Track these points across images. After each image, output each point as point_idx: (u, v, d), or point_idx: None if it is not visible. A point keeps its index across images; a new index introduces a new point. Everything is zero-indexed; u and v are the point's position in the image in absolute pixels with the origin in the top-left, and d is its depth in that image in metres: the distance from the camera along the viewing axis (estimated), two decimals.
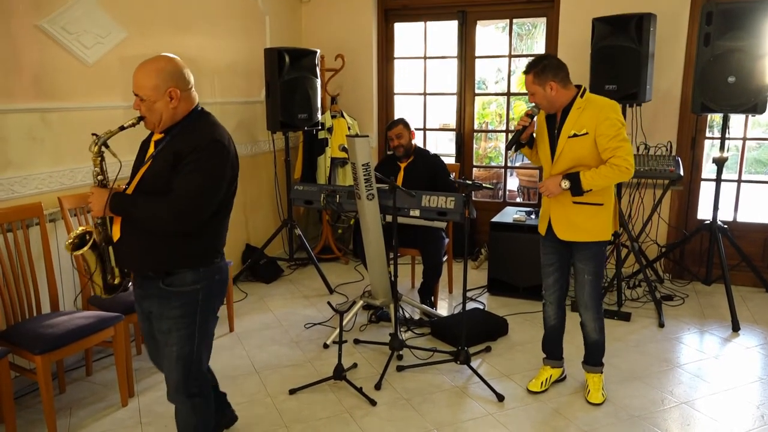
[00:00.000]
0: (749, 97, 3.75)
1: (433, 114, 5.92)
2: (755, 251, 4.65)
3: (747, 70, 3.73)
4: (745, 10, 3.72)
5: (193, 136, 2.09)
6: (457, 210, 3.39)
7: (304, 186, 3.83)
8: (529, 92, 2.84)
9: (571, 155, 2.79)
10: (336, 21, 5.54)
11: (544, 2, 5.04)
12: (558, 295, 3.08)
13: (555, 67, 2.78)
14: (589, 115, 2.74)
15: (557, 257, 3.02)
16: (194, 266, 2.14)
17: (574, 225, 2.87)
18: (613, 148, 2.69)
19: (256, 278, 4.87)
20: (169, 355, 2.19)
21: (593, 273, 2.91)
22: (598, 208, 2.84)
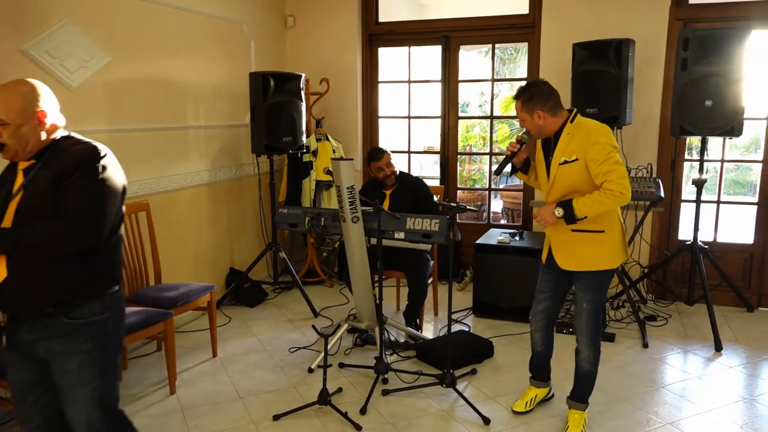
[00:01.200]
0: (726, 120, 3.83)
1: (417, 137, 5.97)
2: (735, 271, 4.71)
3: (723, 94, 3.81)
4: (721, 36, 3.82)
5: (74, 153, 1.93)
6: (441, 232, 3.40)
7: (289, 209, 3.82)
8: (519, 118, 2.80)
9: (564, 182, 2.73)
10: (321, 46, 5.59)
11: (525, 28, 5.14)
12: (545, 323, 3.03)
13: (544, 95, 2.72)
14: (578, 140, 2.68)
15: (552, 285, 2.95)
16: (99, 294, 2.00)
17: (575, 254, 2.79)
18: (605, 173, 2.60)
19: (240, 302, 4.82)
20: (80, 398, 1.97)
21: (591, 302, 2.79)
22: (600, 235, 2.74)
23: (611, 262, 2.77)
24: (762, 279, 4.70)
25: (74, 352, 1.97)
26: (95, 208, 1.90)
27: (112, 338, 2.05)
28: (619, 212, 2.82)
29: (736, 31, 3.80)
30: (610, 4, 4.68)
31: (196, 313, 4.45)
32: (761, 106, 4.59)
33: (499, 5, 5.57)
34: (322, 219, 3.66)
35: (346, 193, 3.42)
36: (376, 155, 4.16)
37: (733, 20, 4.45)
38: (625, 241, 2.84)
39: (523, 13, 5.12)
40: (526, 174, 3.02)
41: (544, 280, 2.98)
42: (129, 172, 3.83)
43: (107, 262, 2.03)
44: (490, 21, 5.29)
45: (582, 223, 2.70)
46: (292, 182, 5.38)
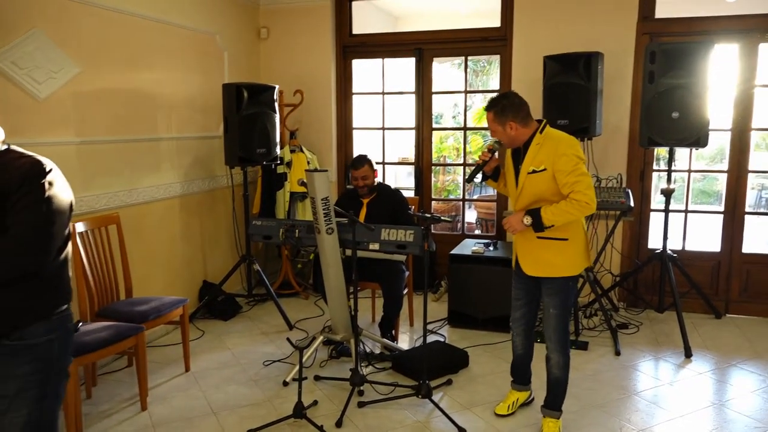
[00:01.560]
0: (692, 131, 3.93)
1: (391, 148, 5.99)
2: (704, 279, 4.81)
3: (689, 107, 3.91)
4: (686, 49, 3.93)
5: (17, 168, 1.79)
6: (416, 243, 3.41)
7: (263, 221, 3.80)
8: (490, 129, 2.86)
9: (532, 190, 2.80)
10: (294, 57, 5.59)
11: (497, 41, 5.21)
12: (524, 328, 3.10)
13: (515, 107, 2.79)
14: (547, 151, 2.75)
15: (525, 292, 3.02)
16: (45, 315, 1.88)
17: (540, 260, 2.86)
18: (572, 183, 2.68)
19: (213, 315, 4.76)
20: (15, 425, 1.83)
21: (559, 307, 2.85)
22: (564, 243, 2.82)
23: (574, 269, 2.85)
24: (729, 286, 4.81)
25: (12, 374, 1.83)
26: (42, 228, 1.77)
27: (56, 362, 1.91)
28: (582, 221, 2.89)
29: (700, 45, 3.91)
30: (579, 18, 4.78)
31: (168, 327, 4.38)
32: (725, 117, 4.72)
33: (472, 18, 5.65)
34: (296, 231, 3.65)
35: (321, 204, 3.41)
36: (356, 164, 4.16)
37: (698, 35, 4.58)
38: (587, 248, 2.92)
39: (495, 27, 5.19)
40: (496, 181, 3.10)
41: (517, 287, 3.05)
42: (99, 184, 3.80)
43: (53, 282, 1.90)
44: (462, 34, 5.35)
45: (547, 231, 2.77)
46: (266, 194, 5.34)
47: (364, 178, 4.14)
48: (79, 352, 2.92)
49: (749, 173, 4.74)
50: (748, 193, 4.82)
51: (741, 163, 4.71)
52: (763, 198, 8.42)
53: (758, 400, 3.40)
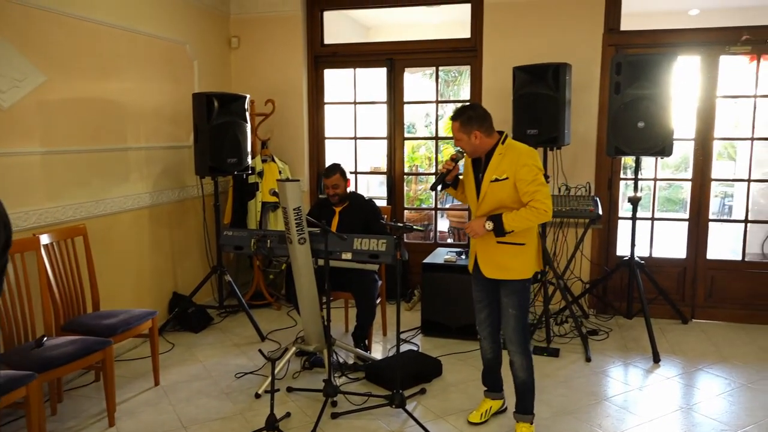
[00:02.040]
0: (657, 141, 4.02)
1: (364, 158, 6.01)
2: (671, 285, 4.91)
3: (654, 117, 4.01)
4: (651, 61, 4.02)
5: None
6: (388, 252, 3.41)
7: (234, 231, 3.77)
8: (455, 138, 2.97)
9: (494, 198, 2.92)
10: (266, 67, 5.57)
11: (468, 51, 5.27)
12: (490, 330, 3.16)
13: (480, 118, 2.92)
14: (509, 161, 2.88)
15: (486, 294, 3.11)
16: None
17: (498, 264, 2.98)
18: (532, 192, 2.82)
19: (183, 328, 4.69)
20: None
21: (517, 307, 2.96)
22: (521, 247, 2.94)
23: (529, 272, 2.99)
24: (695, 292, 4.92)
25: None
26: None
27: None
28: (536, 227, 3.01)
29: (663, 57, 4.01)
30: (547, 29, 4.86)
31: (137, 341, 4.29)
32: (689, 127, 4.84)
33: (443, 29, 5.71)
34: (268, 241, 3.62)
35: (293, 214, 3.40)
36: (328, 172, 4.16)
37: (661, 47, 4.70)
38: (540, 253, 3.06)
39: (466, 38, 5.25)
40: (456, 189, 3.19)
41: (477, 290, 3.15)
42: (65, 195, 3.73)
43: None
44: (433, 44, 5.40)
45: (507, 236, 2.90)
46: (237, 204, 5.30)
47: (334, 186, 4.13)
48: (44, 368, 2.85)
49: (712, 181, 4.87)
50: (711, 201, 4.95)
51: (704, 171, 4.83)
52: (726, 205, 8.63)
53: (724, 403, 3.47)
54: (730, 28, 4.64)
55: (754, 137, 4.84)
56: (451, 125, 2.98)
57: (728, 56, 4.70)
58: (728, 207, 8.50)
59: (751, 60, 4.86)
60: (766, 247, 6.06)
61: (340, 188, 4.15)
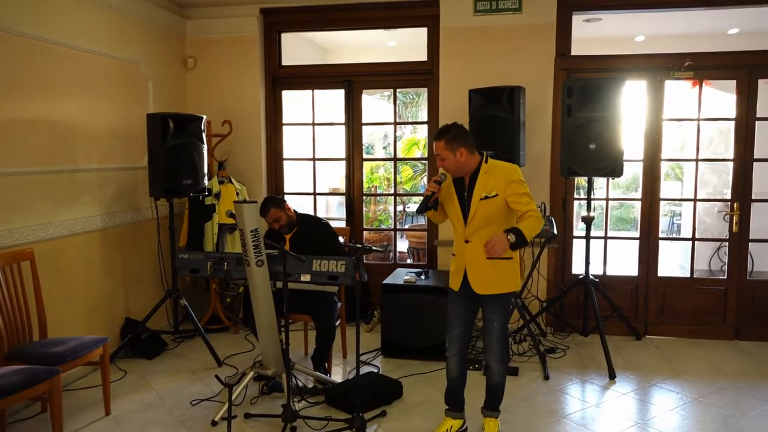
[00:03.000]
0: (608, 162, 4.15)
1: (322, 179, 6.00)
2: (624, 302, 5.03)
3: (605, 138, 4.14)
4: (600, 85, 4.17)
5: None
6: (348, 273, 3.41)
7: (190, 254, 3.71)
8: (440, 157, 3.05)
9: (484, 215, 3.03)
10: (223, 87, 5.53)
11: (424, 74, 5.35)
12: (460, 348, 3.23)
13: (464, 136, 3.06)
14: (497, 178, 3.02)
15: (464, 311, 3.19)
16: None
17: (490, 279, 3.08)
18: (526, 203, 2.98)
19: (136, 354, 4.55)
20: None
21: (501, 320, 3.14)
22: (509, 262, 3.07)
23: (516, 285, 3.15)
24: (647, 308, 5.06)
25: None
26: None
27: None
28: None
29: (612, 82, 4.17)
30: (502, 54, 4.99)
31: (87, 369, 4.14)
32: (638, 149, 5.02)
33: (400, 52, 5.81)
34: (225, 263, 3.57)
35: (250, 236, 3.36)
36: (261, 211, 4.02)
37: (611, 71, 4.88)
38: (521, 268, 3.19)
39: (422, 60, 5.34)
40: (436, 211, 3.26)
41: (456, 307, 3.21)
42: (10, 218, 3.60)
43: None
44: (391, 67, 5.47)
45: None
46: (193, 226, 5.21)
47: (276, 220, 4.08)
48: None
49: (661, 201, 5.05)
50: (660, 220, 5.13)
51: (653, 191, 5.00)
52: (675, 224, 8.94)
53: (677, 418, 3.56)
54: (674, 54, 4.85)
55: (698, 158, 5.06)
56: (435, 145, 3.06)
57: (673, 81, 4.91)
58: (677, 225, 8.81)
59: (693, 85, 5.08)
60: (713, 264, 6.30)
61: (282, 218, 4.07)
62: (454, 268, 3.18)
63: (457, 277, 3.15)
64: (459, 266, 3.14)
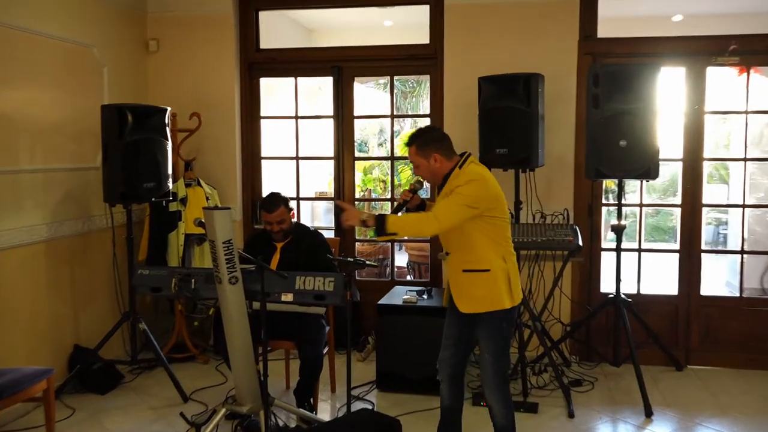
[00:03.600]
0: (642, 161, 4.16)
1: (307, 181, 6.02)
2: (662, 326, 5.03)
3: (638, 134, 4.15)
4: (632, 72, 4.19)
5: None
6: (337, 292, 3.40)
7: (151, 269, 3.72)
8: (413, 164, 3.17)
9: None
10: (190, 75, 5.54)
11: (426, 59, 5.37)
12: (451, 372, 3.29)
13: (438, 139, 3.17)
14: (453, 182, 3.11)
15: (458, 330, 3.27)
16: None
17: (469, 295, 3.17)
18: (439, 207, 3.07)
19: (87, 388, 4.54)
20: None
21: (493, 352, 3.15)
22: (486, 274, 3.13)
23: (502, 301, 3.14)
24: (689, 334, 5.06)
25: None
26: None
27: None
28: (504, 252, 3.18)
29: (645, 68, 4.19)
30: (516, 35, 5.02)
31: (28, 406, 4.13)
32: (676, 146, 5.04)
33: (397, 33, 5.83)
34: (192, 281, 3.57)
35: (222, 248, 3.36)
36: (269, 206, 4.13)
37: (643, 56, 4.91)
38: (512, 281, 3.18)
39: (424, 43, 5.36)
40: None
41: (449, 325, 3.33)
42: None
43: None
44: (387, 51, 5.49)
45: (469, 263, 3.14)
46: (155, 237, 5.21)
47: (280, 222, 4.12)
48: None
49: (704, 207, 5.06)
50: (703, 229, 5.14)
51: (695, 196, 5.02)
52: (720, 234, 8.96)
53: None
54: (716, 36, 4.88)
55: (747, 158, 5.08)
56: (408, 151, 3.17)
57: (716, 67, 4.94)
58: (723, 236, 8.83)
59: (740, 72, 5.12)
60: (765, 281, 6.30)
61: (286, 222, 4.14)
62: (445, 284, 3.37)
63: (445, 293, 3.33)
64: (446, 282, 3.33)
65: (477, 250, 3.12)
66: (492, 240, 3.14)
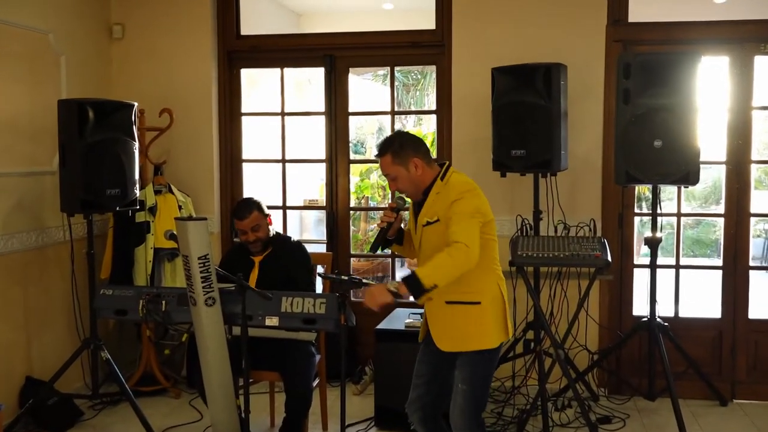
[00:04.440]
0: (679, 165, 4.18)
1: (295, 187, 6.03)
2: (703, 354, 5.03)
3: (675, 133, 4.17)
4: (668, 62, 4.21)
5: None
6: (329, 316, 3.40)
7: (116, 289, 3.72)
8: (390, 178, 3.18)
9: (431, 245, 3.10)
10: (161, 65, 5.56)
11: (432, 47, 5.40)
12: (421, 416, 3.27)
13: (414, 142, 3.19)
14: (443, 198, 3.08)
15: (431, 369, 3.24)
16: None
17: (452, 331, 3.12)
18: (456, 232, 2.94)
19: (41, 427, 4.55)
20: None
21: (469, 382, 3.08)
22: (476, 308, 3.09)
23: (492, 339, 3.10)
24: (735, 363, 5.05)
25: None
26: None
27: None
28: (498, 277, 3.17)
29: (684, 57, 4.22)
30: (535, 19, 5.04)
31: None
32: (719, 147, 5.04)
33: (399, 17, 5.85)
34: (163, 302, 3.58)
35: (197, 265, 3.36)
36: (239, 212, 4.15)
37: (681, 43, 4.93)
38: (506, 315, 3.19)
39: (430, 29, 5.38)
40: (402, 245, 3.37)
41: (422, 361, 3.30)
42: None
43: None
44: (386, 37, 5.51)
45: (456, 293, 3.05)
46: (120, 252, 5.22)
47: (255, 229, 4.11)
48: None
49: (751, 217, 5.06)
50: (751, 242, 5.12)
51: (741, 204, 5.02)
52: None
53: None
54: (765, 21, 4.89)
55: None
56: (380, 163, 3.17)
57: (764, 56, 4.95)
58: None
59: None
60: None
61: (262, 230, 4.14)
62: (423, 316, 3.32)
63: (422, 327, 3.31)
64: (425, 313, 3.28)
65: (468, 276, 2.99)
66: (485, 263, 3.07)
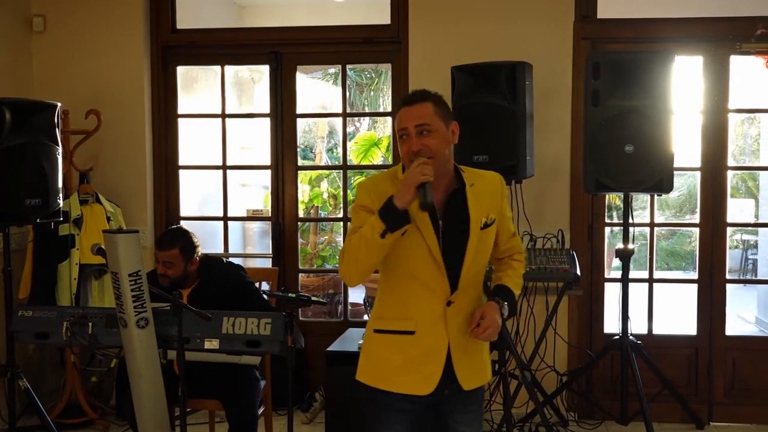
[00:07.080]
0: (652, 171, 4.25)
1: (237, 196, 6.00)
2: (678, 374, 5.10)
3: (647, 137, 4.24)
4: (639, 60, 4.30)
5: None
6: (275, 337, 3.40)
7: (36, 310, 3.68)
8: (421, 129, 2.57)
9: (481, 257, 2.71)
10: (87, 61, 5.49)
11: (388, 44, 5.42)
12: None
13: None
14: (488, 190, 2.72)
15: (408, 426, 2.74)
16: None
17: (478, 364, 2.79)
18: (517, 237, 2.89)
19: None
20: None
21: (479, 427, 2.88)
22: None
23: None
24: (712, 383, 5.14)
25: None
26: None
27: None
28: None
29: (657, 56, 4.30)
30: (499, 15, 5.09)
31: None
32: (694, 152, 5.14)
33: (351, 12, 5.87)
34: (89, 324, 3.54)
35: (128, 282, 3.33)
36: (161, 241, 4.05)
37: (653, 42, 5.02)
38: None
39: (385, 24, 5.41)
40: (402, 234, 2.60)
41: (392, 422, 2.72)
42: None
43: None
44: (337, 33, 5.53)
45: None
46: (41, 268, 5.14)
47: (167, 265, 3.98)
48: None
49: (728, 226, 5.17)
50: (728, 254, 5.23)
51: (717, 213, 5.12)
52: (749, 260, 9.12)
53: None
54: (741, 18, 5.01)
55: None
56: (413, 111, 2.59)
57: (740, 56, 5.06)
58: (751, 262, 9.02)
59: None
60: None
61: (174, 269, 3.99)
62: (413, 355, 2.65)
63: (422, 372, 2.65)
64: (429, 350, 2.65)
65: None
66: None
